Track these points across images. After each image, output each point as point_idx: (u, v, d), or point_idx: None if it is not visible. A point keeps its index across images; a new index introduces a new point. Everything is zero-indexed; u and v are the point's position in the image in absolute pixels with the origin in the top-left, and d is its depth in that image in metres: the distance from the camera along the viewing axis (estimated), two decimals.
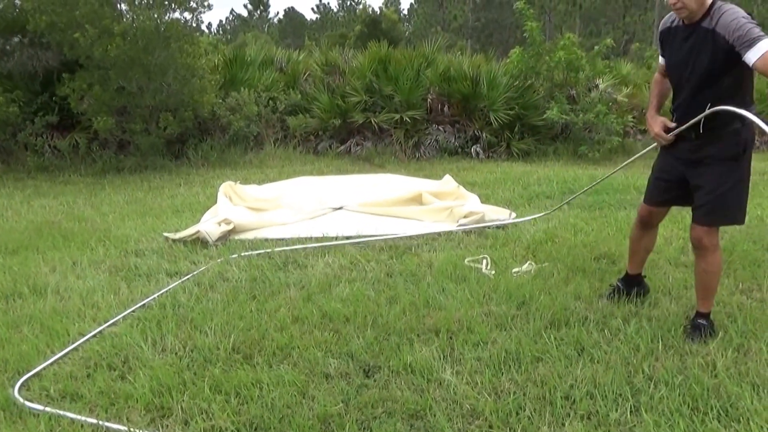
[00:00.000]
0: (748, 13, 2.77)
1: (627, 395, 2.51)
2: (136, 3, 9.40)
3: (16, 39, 9.77)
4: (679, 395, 2.49)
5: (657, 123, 3.13)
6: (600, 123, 10.50)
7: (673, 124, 3.06)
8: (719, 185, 2.94)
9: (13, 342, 3.10)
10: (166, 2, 9.40)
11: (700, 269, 3.11)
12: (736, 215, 3.06)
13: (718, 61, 2.81)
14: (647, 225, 3.40)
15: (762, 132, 2.67)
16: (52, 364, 2.88)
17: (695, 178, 3.03)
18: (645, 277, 3.66)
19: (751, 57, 2.62)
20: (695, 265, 3.17)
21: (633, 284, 3.54)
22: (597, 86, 11.54)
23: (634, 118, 11.55)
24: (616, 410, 2.41)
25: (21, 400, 2.54)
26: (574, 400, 2.49)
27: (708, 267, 3.07)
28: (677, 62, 3.04)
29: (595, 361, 2.81)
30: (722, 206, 2.99)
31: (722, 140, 2.92)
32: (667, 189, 3.23)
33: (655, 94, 3.31)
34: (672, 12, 2.98)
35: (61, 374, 2.78)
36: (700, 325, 3.07)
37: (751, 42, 2.62)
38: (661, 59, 3.21)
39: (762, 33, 2.62)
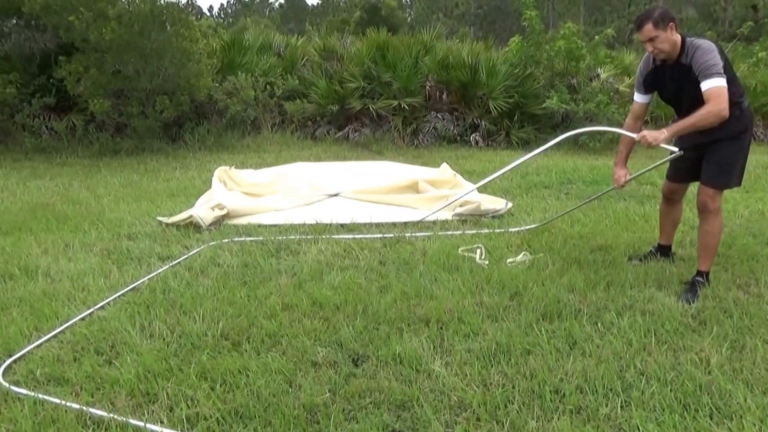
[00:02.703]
0: (716, 43, 3.35)
1: (618, 390, 2.47)
2: None
3: (12, 21, 9.77)
4: (671, 391, 2.45)
5: (621, 175, 3.84)
6: (601, 113, 10.40)
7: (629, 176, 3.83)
8: (723, 156, 3.47)
9: (1, 324, 3.08)
10: None
11: (703, 231, 3.58)
12: (737, 180, 3.58)
13: (695, 85, 3.34)
14: (671, 200, 3.97)
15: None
16: (38, 347, 2.86)
17: (706, 154, 3.53)
18: (674, 253, 4.12)
19: (703, 86, 3.29)
20: (699, 228, 3.64)
21: (664, 253, 4.06)
22: (598, 76, 11.45)
23: None
24: (606, 405, 2.38)
25: (6, 384, 2.51)
26: (563, 394, 2.45)
27: (710, 228, 3.54)
28: (671, 95, 3.65)
29: (587, 354, 2.77)
30: (727, 172, 3.49)
31: (726, 125, 3.35)
32: (682, 168, 3.75)
33: (624, 144, 3.84)
34: (647, 55, 3.55)
35: (48, 358, 2.76)
36: (697, 282, 3.53)
37: (705, 76, 3.28)
38: (639, 98, 3.77)
39: (716, 69, 3.25)
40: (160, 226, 4.97)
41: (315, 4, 64.08)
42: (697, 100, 3.31)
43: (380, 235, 4.70)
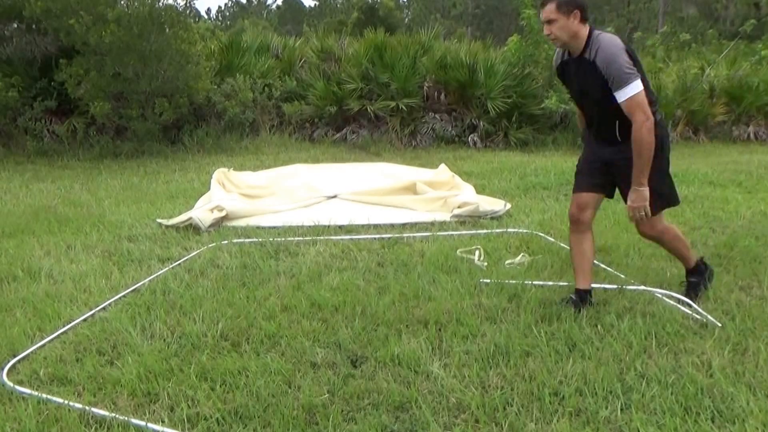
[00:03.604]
0: (625, 42, 3.00)
1: (618, 393, 2.45)
2: None
3: (14, 25, 9.90)
4: (671, 394, 2.42)
5: None
6: None
7: None
8: (650, 186, 3.07)
9: (5, 325, 3.12)
10: None
11: (666, 248, 3.49)
12: (670, 199, 3.29)
13: (606, 87, 3.00)
14: (579, 223, 3.34)
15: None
16: (41, 347, 2.88)
17: (624, 179, 3.15)
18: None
19: (619, 97, 2.95)
20: (664, 247, 3.51)
21: (584, 299, 3.31)
22: None
23: None
24: (606, 408, 2.35)
25: (10, 384, 2.52)
26: (562, 397, 2.43)
27: (670, 245, 3.41)
28: (576, 92, 3.31)
29: (586, 357, 2.75)
30: (659, 200, 3.16)
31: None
32: (591, 175, 3.33)
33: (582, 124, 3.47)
34: (558, 50, 3.24)
35: (51, 358, 2.78)
36: (691, 283, 3.42)
37: (620, 84, 2.93)
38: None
39: (631, 73, 2.91)
40: (159, 228, 5.01)
41: (312, 5, 64.16)
42: (601, 103, 3.06)
43: (376, 236, 4.68)
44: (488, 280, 3.64)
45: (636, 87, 2.92)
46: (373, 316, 3.16)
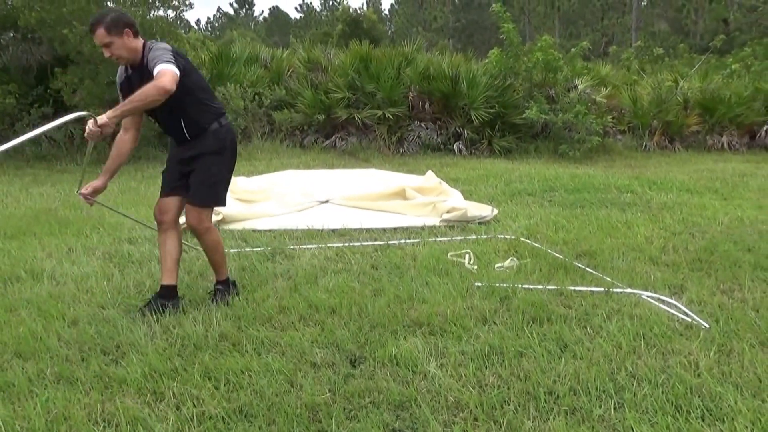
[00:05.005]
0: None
1: (610, 392, 2.51)
2: (122, 0, 9.66)
3: (10, 34, 10.16)
4: (662, 393, 2.48)
5: (100, 182, 3.41)
6: (579, 123, 10.60)
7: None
8: (209, 174, 3.39)
9: (11, 324, 3.14)
10: (150, 0, 9.67)
11: (204, 248, 3.56)
12: (222, 197, 3.51)
13: None
14: (163, 223, 3.48)
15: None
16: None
17: (192, 173, 3.43)
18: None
19: (154, 72, 3.07)
20: (200, 245, 3.59)
21: (168, 296, 3.42)
22: (576, 87, 11.66)
23: (613, 118, 11.72)
24: (600, 407, 2.41)
25: None
26: (557, 396, 2.48)
27: (209, 245, 3.50)
28: None
29: (578, 357, 2.81)
30: (213, 191, 3.43)
31: (207, 139, 3.40)
32: (172, 180, 3.53)
33: (113, 157, 3.46)
34: (120, 67, 3.37)
35: (58, 357, 2.80)
36: (218, 290, 3.52)
37: (157, 62, 3.09)
38: None
39: (169, 59, 3.11)
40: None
41: (298, 17, 64.32)
42: (168, 107, 3.16)
43: (369, 242, 4.73)
44: (480, 284, 3.70)
45: (166, 66, 3.06)
46: (369, 317, 3.20)
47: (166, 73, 3.05)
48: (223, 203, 3.53)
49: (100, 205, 3.58)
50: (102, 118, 3.00)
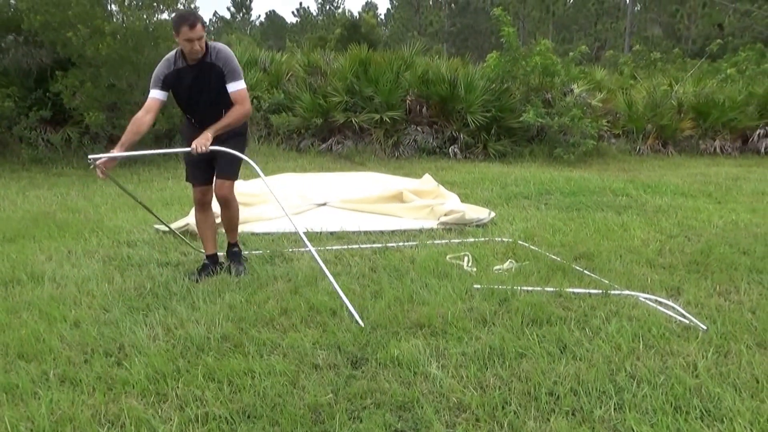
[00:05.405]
0: None
1: (610, 393, 2.53)
2: (126, 4, 9.70)
3: (11, 37, 10.14)
4: (661, 394, 2.51)
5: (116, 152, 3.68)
6: (575, 126, 10.66)
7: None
8: (235, 153, 3.77)
9: (13, 327, 3.16)
10: (155, 3, 9.70)
11: (227, 216, 4.05)
12: (236, 172, 3.98)
13: (221, 82, 3.73)
14: (203, 204, 4.05)
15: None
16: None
17: (218, 154, 3.78)
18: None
19: (230, 88, 3.73)
20: (222, 215, 4.08)
21: (215, 262, 4.11)
22: (572, 91, 11.73)
23: (608, 122, 11.79)
24: (600, 407, 2.43)
25: None
26: (558, 396, 2.51)
27: (233, 213, 4.06)
28: (191, 94, 3.84)
29: (578, 358, 2.83)
30: (236, 166, 3.91)
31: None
32: (203, 169, 3.96)
33: (131, 132, 3.73)
34: (166, 60, 3.83)
35: (61, 359, 2.81)
36: (234, 252, 4.18)
37: (234, 79, 3.73)
38: (157, 94, 3.78)
39: (241, 74, 3.79)
40: (157, 233, 5.11)
41: (293, 22, 64.40)
42: (217, 99, 3.74)
43: (364, 245, 4.74)
44: (479, 286, 3.72)
45: (243, 85, 3.79)
46: (369, 319, 3.22)
47: (246, 98, 3.75)
48: (235, 177, 4.00)
49: (113, 181, 3.86)
50: (207, 136, 3.59)
